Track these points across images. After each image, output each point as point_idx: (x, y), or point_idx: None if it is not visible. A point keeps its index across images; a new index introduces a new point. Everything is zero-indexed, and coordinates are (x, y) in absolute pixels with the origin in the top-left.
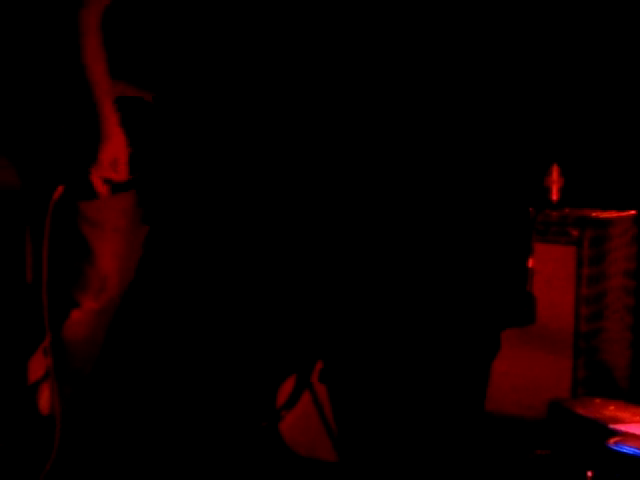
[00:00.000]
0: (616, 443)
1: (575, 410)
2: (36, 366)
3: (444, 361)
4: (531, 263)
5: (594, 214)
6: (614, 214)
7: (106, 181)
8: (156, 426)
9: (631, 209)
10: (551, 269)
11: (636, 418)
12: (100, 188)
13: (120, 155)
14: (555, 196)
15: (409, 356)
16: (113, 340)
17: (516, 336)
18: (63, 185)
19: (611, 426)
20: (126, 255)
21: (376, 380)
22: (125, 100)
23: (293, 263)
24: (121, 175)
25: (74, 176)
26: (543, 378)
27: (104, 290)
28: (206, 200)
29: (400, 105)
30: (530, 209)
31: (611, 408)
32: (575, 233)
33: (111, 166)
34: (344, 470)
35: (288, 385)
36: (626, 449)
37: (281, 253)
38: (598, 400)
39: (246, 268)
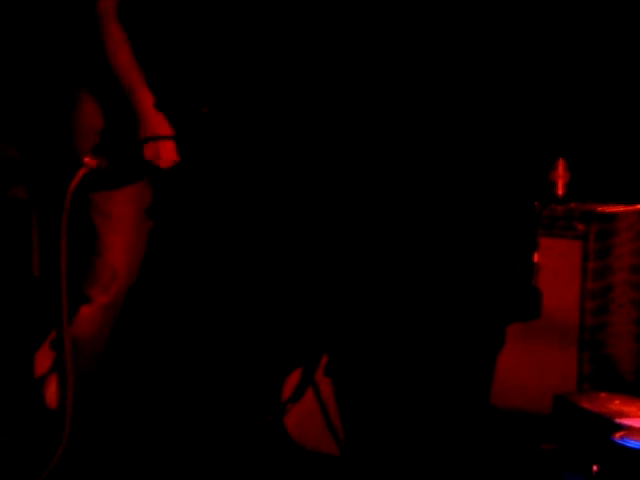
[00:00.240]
0: (622, 437)
1: (580, 404)
2: (43, 360)
3: (449, 355)
4: (536, 257)
5: (600, 208)
6: (620, 208)
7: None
8: (161, 419)
9: (637, 203)
10: (557, 263)
11: None
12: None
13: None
14: (561, 190)
15: (414, 350)
16: (119, 334)
17: (521, 330)
18: (80, 172)
19: (617, 420)
20: (136, 248)
21: (381, 374)
22: None
23: (299, 257)
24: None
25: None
26: (548, 372)
27: (113, 283)
28: (211, 194)
29: (403, 100)
30: (536, 203)
31: (616, 402)
32: (581, 227)
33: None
34: (349, 464)
35: (293, 379)
36: (632, 443)
37: (286, 248)
38: (603, 394)
39: (252, 262)
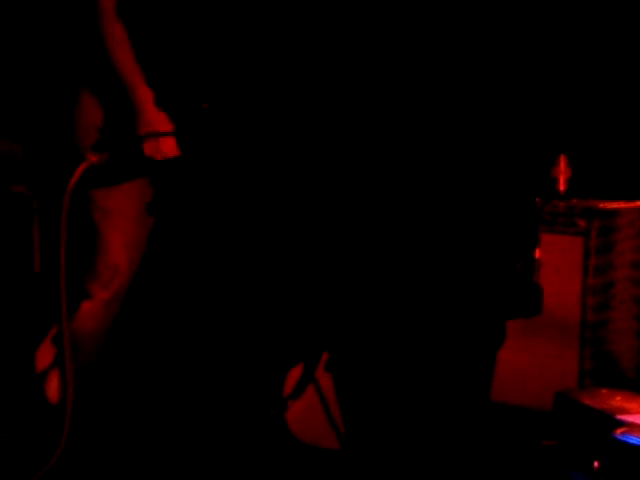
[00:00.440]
0: (623, 434)
1: (581, 401)
2: (44, 355)
3: (449, 351)
4: (538, 253)
5: (601, 205)
6: (622, 205)
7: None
8: (162, 414)
9: (638, 200)
10: (558, 259)
11: None
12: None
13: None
14: (562, 187)
15: (415, 346)
16: (120, 329)
17: (522, 326)
18: (80, 169)
19: (618, 417)
20: (136, 244)
21: (381, 370)
22: None
23: (299, 252)
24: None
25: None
26: (549, 368)
27: (114, 279)
28: (212, 189)
29: (403, 95)
30: (537, 200)
31: (618, 399)
32: (582, 223)
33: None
34: (349, 459)
35: (294, 374)
36: (633, 440)
37: (286, 243)
38: (605, 391)
39: (253, 257)
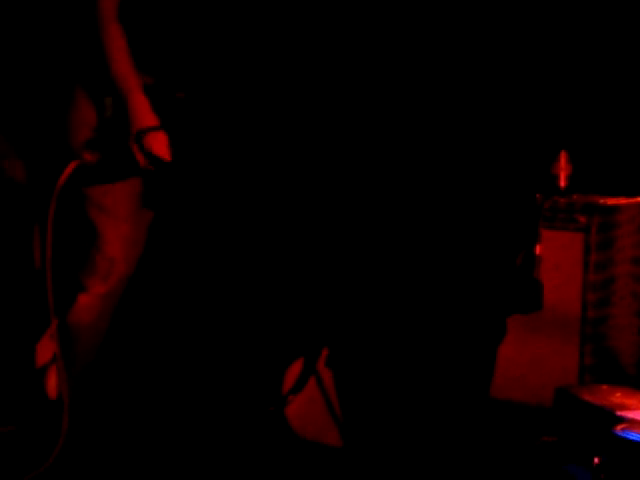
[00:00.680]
0: (623, 430)
1: (582, 397)
2: (44, 350)
3: (450, 348)
4: (538, 250)
5: (602, 201)
6: (622, 201)
7: (146, 155)
8: (161, 409)
9: (639, 196)
10: (558, 256)
11: None
12: (141, 160)
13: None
14: (563, 183)
15: (415, 342)
16: (118, 325)
17: (523, 322)
18: (70, 167)
19: (618, 413)
20: (133, 239)
21: (382, 366)
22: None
23: (299, 248)
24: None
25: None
26: (550, 365)
27: (111, 274)
28: (212, 186)
29: (404, 93)
30: (538, 196)
31: (618, 395)
32: (583, 220)
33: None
34: (349, 455)
35: (295, 370)
36: (633, 436)
37: (288, 241)
38: (605, 387)
39: (252, 252)
